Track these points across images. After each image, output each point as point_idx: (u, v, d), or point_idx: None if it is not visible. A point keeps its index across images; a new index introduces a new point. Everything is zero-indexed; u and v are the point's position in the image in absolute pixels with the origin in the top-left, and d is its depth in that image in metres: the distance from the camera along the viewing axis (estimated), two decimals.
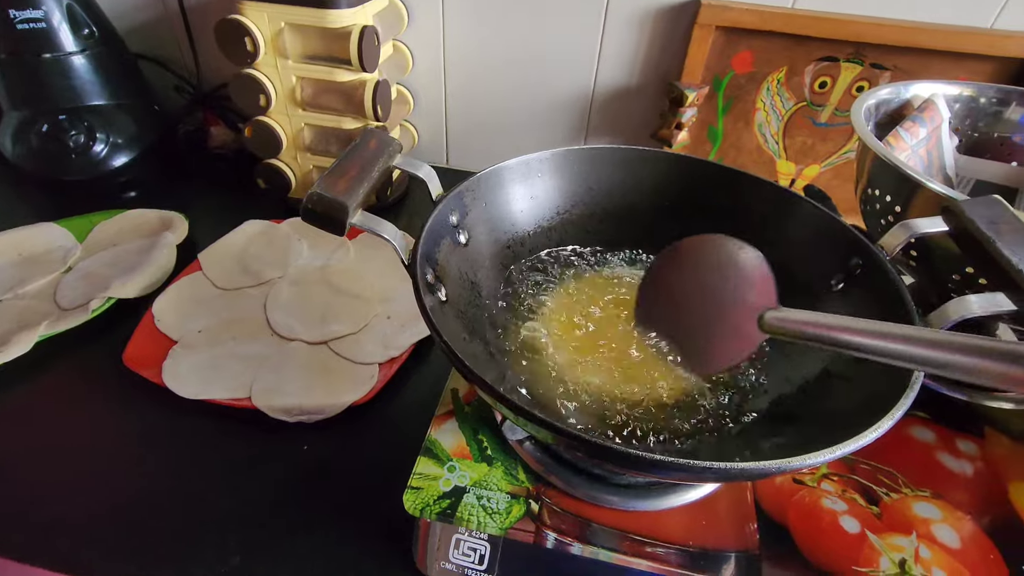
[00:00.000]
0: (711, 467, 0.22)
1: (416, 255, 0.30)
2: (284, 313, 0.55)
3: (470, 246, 0.38)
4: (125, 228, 0.64)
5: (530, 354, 0.36)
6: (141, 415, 0.47)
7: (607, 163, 0.42)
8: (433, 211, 0.34)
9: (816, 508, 0.35)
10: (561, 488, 0.34)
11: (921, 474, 0.38)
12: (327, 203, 0.28)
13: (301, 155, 0.67)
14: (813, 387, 0.32)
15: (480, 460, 0.35)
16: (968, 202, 0.30)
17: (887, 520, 0.35)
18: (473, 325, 0.35)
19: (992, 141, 0.50)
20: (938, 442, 0.40)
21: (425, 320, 0.27)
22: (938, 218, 0.32)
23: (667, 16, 0.64)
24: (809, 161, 0.71)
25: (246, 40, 0.57)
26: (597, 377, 0.35)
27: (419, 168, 0.35)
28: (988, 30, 0.59)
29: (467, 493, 0.33)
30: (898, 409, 0.24)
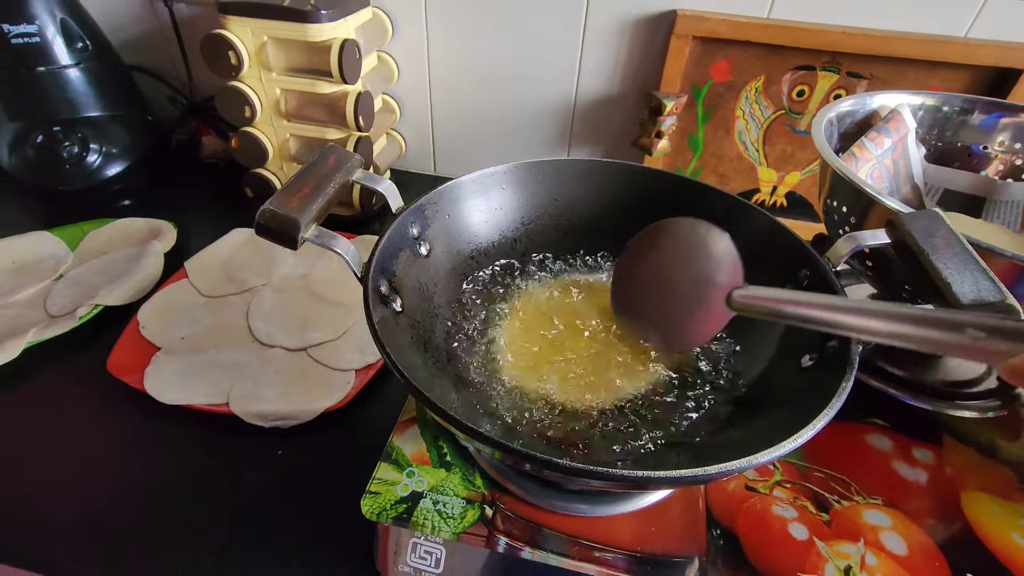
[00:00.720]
0: (629, 475, 0.23)
1: (370, 267, 0.31)
2: (265, 321, 0.56)
3: (431, 257, 0.39)
4: (115, 236, 0.66)
5: (487, 363, 0.37)
6: (123, 420, 0.48)
7: (570, 175, 0.43)
8: (392, 224, 0.35)
9: (766, 515, 0.35)
10: (515, 494, 0.35)
11: (875, 482, 0.38)
12: (279, 219, 0.29)
13: (287, 164, 0.69)
14: (755, 395, 0.33)
15: (439, 466, 0.36)
16: (909, 215, 0.31)
17: (836, 527, 0.35)
18: (428, 335, 0.36)
19: (959, 150, 0.50)
20: (895, 450, 0.40)
21: (371, 332, 0.28)
22: (882, 231, 0.32)
23: (645, 27, 0.65)
24: (790, 168, 0.72)
25: (230, 54, 0.59)
26: (553, 385, 0.36)
27: (379, 183, 0.36)
28: (962, 39, 0.59)
29: (424, 498, 0.34)
30: (822, 418, 0.25)
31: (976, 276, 0.27)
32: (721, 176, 0.74)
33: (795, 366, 0.32)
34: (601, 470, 0.24)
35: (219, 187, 0.77)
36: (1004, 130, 0.48)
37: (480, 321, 0.40)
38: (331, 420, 0.48)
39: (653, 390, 0.36)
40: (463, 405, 0.34)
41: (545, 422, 0.35)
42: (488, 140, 0.79)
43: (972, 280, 0.27)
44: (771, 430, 0.26)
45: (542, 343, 0.38)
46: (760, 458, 0.24)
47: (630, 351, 0.38)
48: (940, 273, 0.27)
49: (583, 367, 0.37)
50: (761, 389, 0.33)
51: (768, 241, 0.36)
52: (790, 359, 0.33)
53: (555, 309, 0.41)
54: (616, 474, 0.24)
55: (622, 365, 0.37)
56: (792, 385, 0.32)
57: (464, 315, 0.40)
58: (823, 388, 0.28)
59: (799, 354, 0.32)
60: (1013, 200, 0.49)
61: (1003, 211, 0.49)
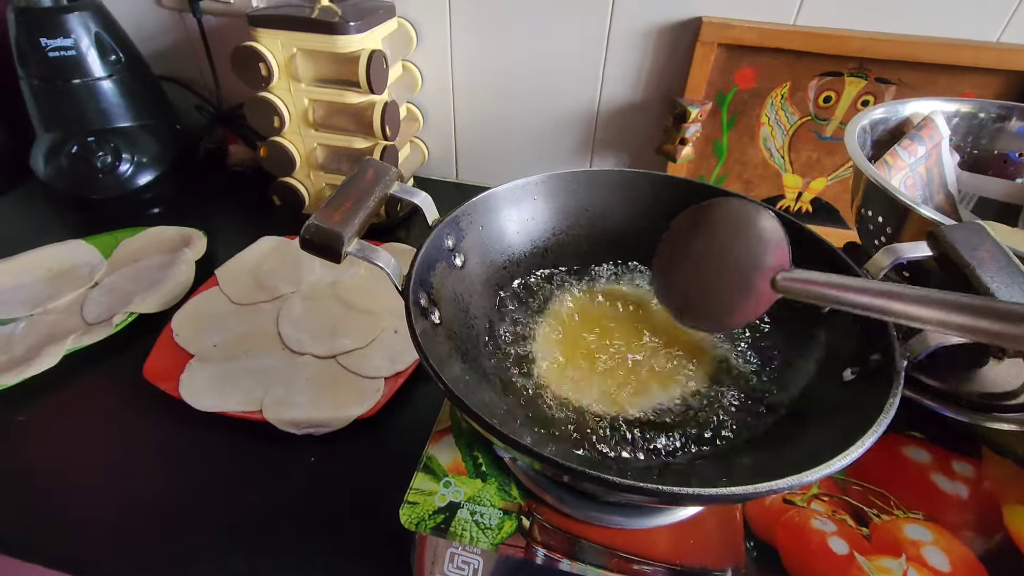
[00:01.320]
0: (674, 492, 0.23)
1: (409, 281, 0.32)
2: (295, 328, 0.57)
3: (466, 268, 0.39)
4: (147, 244, 0.67)
5: (524, 373, 0.38)
6: (159, 426, 0.49)
7: (601, 185, 0.43)
8: (429, 236, 0.36)
9: (805, 528, 0.35)
10: (552, 505, 0.35)
11: (914, 496, 0.38)
12: (323, 233, 0.29)
13: (314, 173, 0.69)
14: (796, 410, 0.33)
15: (475, 476, 0.37)
16: (951, 228, 0.31)
17: (876, 542, 0.35)
18: (466, 346, 0.36)
19: (994, 158, 0.50)
20: (933, 463, 0.40)
21: (415, 346, 0.28)
22: (923, 243, 0.32)
23: (669, 34, 0.65)
24: (815, 174, 0.71)
25: (260, 65, 0.60)
26: (590, 395, 0.36)
27: (415, 195, 0.36)
28: (994, 44, 0.59)
29: (461, 508, 0.35)
30: (871, 435, 0.25)
31: None
32: (746, 183, 0.73)
33: (837, 380, 0.32)
34: (648, 487, 0.24)
35: (246, 195, 0.78)
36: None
37: (515, 331, 0.40)
38: (362, 427, 0.48)
39: (691, 401, 0.36)
40: (501, 414, 0.34)
41: (582, 431, 0.35)
42: (510, 147, 0.79)
43: (1021, 294, 0.26)
44: (817, 446, 0.26)
45: (577, 352, 0.39)
46: (807, 476, 0.24)
47: (667, 360, 0.38)
48: (987, 287, 0.27)
49: (619, 376, 0.37)
50: (802, 404, 0.33)
51: (804, 253, 0.35)
52: (831, 372, 0.33)
53: (589, 318, 0.41)
54: (664, 491, 0.24)
55: (659, 375, 0.37)
56: (834, 399, 0.31)
57: (499, 325, 0.40)
58: (868, 403, 0.27)
59: (840, 367, 0.32)
60: None
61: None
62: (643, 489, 0.24)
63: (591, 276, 0.44)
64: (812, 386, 0.34)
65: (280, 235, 0.68)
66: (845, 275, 0.30)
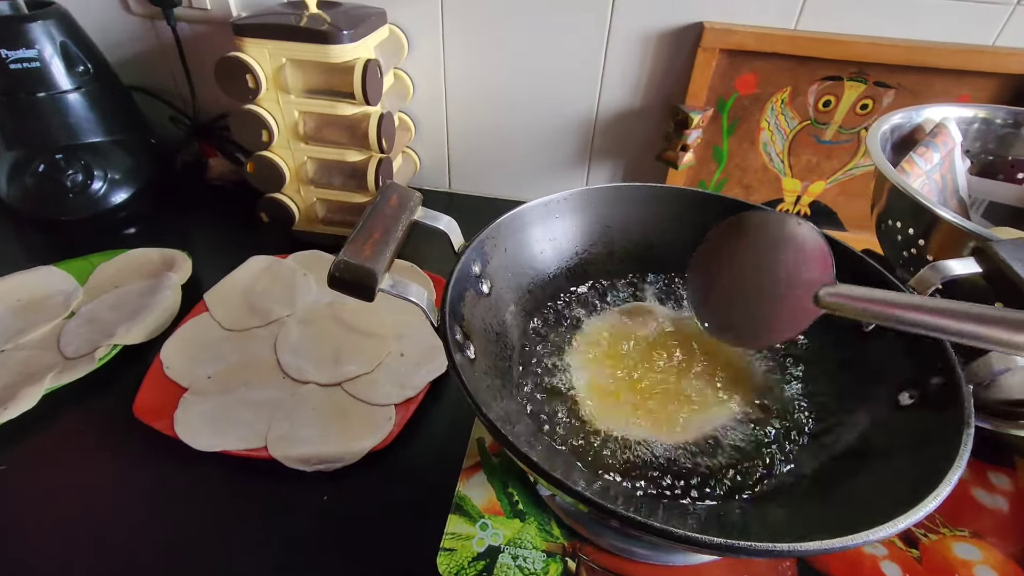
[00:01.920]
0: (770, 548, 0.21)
1: (445, 315, 0.30)
2: (294, 354, 0.54)
3: (493, 295, 0.37)
4: (126, 269, 0.63)
5: (561, 404, 0.36)
6: (154, 469, 0.45)
7: (623, 201, 0.42)
8: (456, 264, 0.33)
9: (856, 554, 0.34)
10: (596, 543, 0.33)
11: (957, 512, 0.37)
12: (354, 270, 0.27)
13: (304, 188, 0.66)
14: (851, 441, 0.32)
15: (512, 516, 0.35)
16: (1002, 244, 0.30)
17: (928, 564, 0.34)
18: (502, 380, 0.34)
19: (1003, 162, 0.50)
20: (971, 476, 0.39)
21: (463, 388, 0.26)
22: (970, 259, 0.31)
23: (670, 39, 0.64)
24: (814, 178, 0.71)
25: (247, 77, 0.56)
26: (631, 427, 0.35)
27: (439, 220, 0.34)
28: (991, 47, 0.59)
29: (502, 553, 0.33)
30: (956, 469, 0.24)
31: None
32: (746, 187, 0.73)
33: (891, 404, 0.31)
34: (718, 541, 0.22)
35: (230, 211, 0.74)
36: None
37: (548, 360, 0.38)
38: (375, 460, 0.46)
39: (732, 432, 0.35)
40: (544, 451, 0.32)
41: (628, 468, 0.33)
42: (505, 156, 0.77)
43: None
44: (883, 488, 0.25)
45: (614, 381, 0.37)
46: (898, 524, 0.22)
47: (708, 387, 0.36)
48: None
49: (661, 406, 0.35)
50: (855, 432, 0.32)
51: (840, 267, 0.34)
52: (885, 396, 0.32)
53: (622, 342, 0.39)
54: (732, 546, 0.23)
55: (701, 403, 0.35)
56: (891, 428, 0.30)
57: (532, 354, 0.38)
58: (932, 433, 0.26)
59: (895, 391, 0.31)
60: None
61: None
62: (718, 544, 0.22)
63: (617, 295, 0.43)
64: (862, 413, 0.33)
65: (270, 254, 0.65)
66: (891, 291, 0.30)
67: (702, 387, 0.36)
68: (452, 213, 0.35)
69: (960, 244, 0.36)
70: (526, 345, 0.38)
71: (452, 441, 0.45)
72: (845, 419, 0.33)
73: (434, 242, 0.35)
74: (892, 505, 0.23)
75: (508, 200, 0.80)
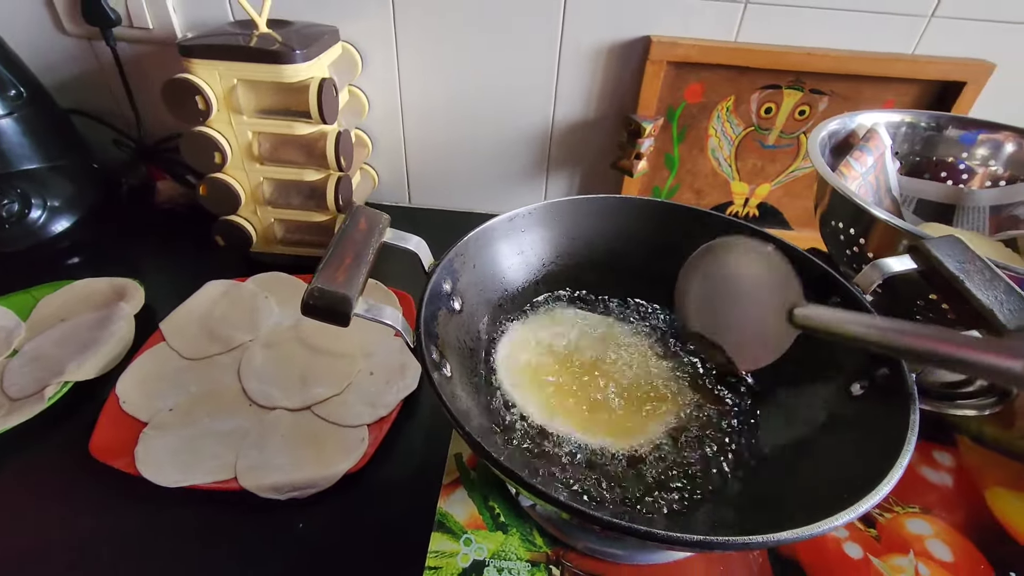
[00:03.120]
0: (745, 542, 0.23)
1: (420, 336, 0.30)
2: (260, 380, 0.53)
3: (464, 312, 0.37)
4: (73, 301, 0.60)
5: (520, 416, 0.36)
6: (116, 511, 0.43)
7: (587, 213, 0.43)
8: (428, 283, 0.34)
9: (821, 539, 0.36)
10: (579, 549, 0.34)
11: (908, 490, 0.40)
12: (330, 297, 0.27)
13: (261, 209, 0.65)
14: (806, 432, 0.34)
15: (495, 529, 0.35)
16: (933, 242, 0.33)
17: (885, 541, 0.37)
18: (478, 396, 0.34)
19: (929, 162, 0.54)
20: (918, 456, 0.42)
21: (445, 410, 0.27)
22: (906, 257, 0.34)
23: (619, 52, 0.66)
24: (760, 181, 0.75)
25: (197, 99, 0.55)
26: (591, 433, 0.36)
27: (408, 241, 0.34)
28: (910, 56, 0.64)
29: (487, 567, 0.33)
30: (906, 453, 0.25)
31: (1014, 300, 0.29)
32: (697, 192, 0.76)
33: (844, 395, 0.33)
34: (697, 539, 0.23)
35: (181, 236, 0.71)
36: (980, 144, 0.52)
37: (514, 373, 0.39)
38: (351, 483, 0.45)
39: (699, 431, 0.36)
40: (521, 461, 0.32)
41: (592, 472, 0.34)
42: (464, 169, 0.78)
43: (1012, 305, 0.28)
44: (844, 475, 0.27)
45: (571, 391, 0.38)
46: (848, 515, 0.24)
47: (664, 391, 0.38)
48: (980, 300, 0.29)
49: (620, 414, 0.37)
50: (812, 424, 0.34)
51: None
52: (838, 388, 0.34)
53: (584, 352, 0.40)
54: (706, 542, 0.24)
55: (654, 410, 0.37)
56: (845, 417, 0.32)
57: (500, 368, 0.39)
58: (885, 420, 0.28)
59: (847, 382, 0.33)
60: (979, 206, 0.53)
61: (971, 217, 0.53)
62: (684, 540, 0.24)
63: (584, 308, 0.44)
64: (824, 404, 0.35)
65: (228, 277, 0.63)
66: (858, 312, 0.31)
67: (659, 396, 0.38)
68: (413, 227, 0.36)
69: (896, 241, 0.39)
70: (496, 362, 0.39)
71: (429, 458, 0.45)
72: (802, 412, 0.35)
73: (396, 259, 0.35)
74: (853, 490, 0.25)
75: (469, 213, 0.81)
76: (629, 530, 0.23)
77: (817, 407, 0.34)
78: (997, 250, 0.49)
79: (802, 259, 0.39)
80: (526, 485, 0.25)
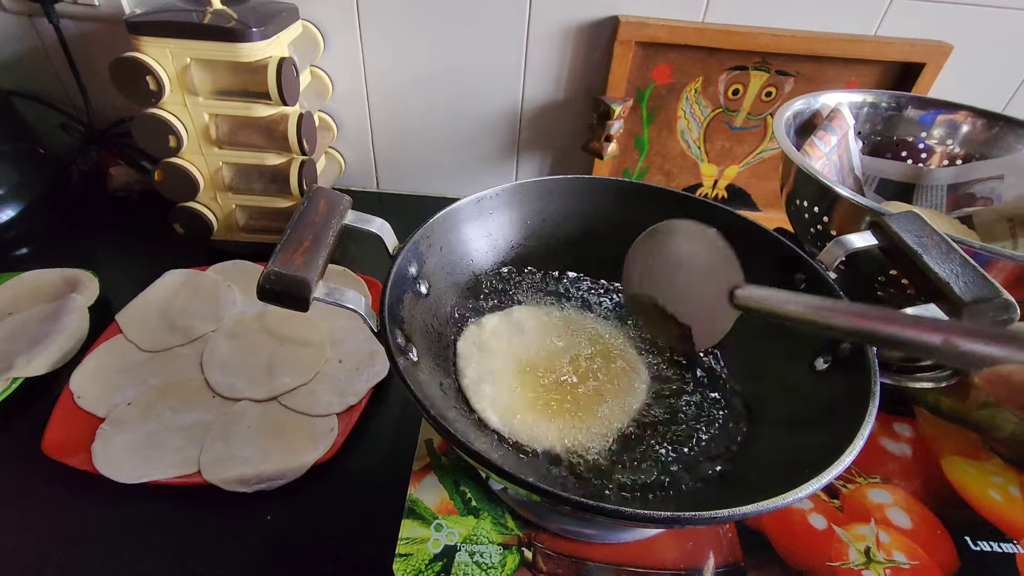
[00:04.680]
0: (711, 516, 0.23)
1: (384, 320, 0.29)
2: (224, 371, 0.51)
3: (431, 295, 0.37)
4: (21, 294, 0.57)
5: (499, 400, 0.36)
6: (74, 510, 0.42)
7: (554, 194, 0.43)
8: (392, 267, 0.33)
9: (787, 511, 0.37)
10: (551, 530, 0.34)
11: (869, 461, 0.41)
12: (287, 281, 0.26)
13: (221, 195, 0.62)
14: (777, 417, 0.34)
15: (466, 513, 0.35)
16: (893, 218, 0.33)
17: (848, 511, 0.38)
18: (442, 379, 0.34)
19: (890, 142, 0.55)
20: (879, 428, 0.44)
21: (411, 394, 0.26)
22: (868, 233, 0.34)
23: (588, 32, 0.66)
24: (728, 162, 0.75)
25: (148, 79, 0.52)
26: (557, 418, 0.36)
27: (371, 223, 0.33)
28: (872, 37, 0.65)
29: (459, 552, 0.33)
30: (867, 425, 0.26)
31: (969, 273, 0.29)
32: (667, 173, 0.76)
33: (809, 369, 0.34)
34: (664, 515, 0.23)
35: (137, 223, 0.69)
36: (938, 124, 0.54)
37: (485, 357, 0.38)
38: (321, 473, 0.44)
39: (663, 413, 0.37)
40: (488, 446, 0.32)
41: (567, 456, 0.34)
42: (433, 152, 0.77)
43: (967, 278, 0.29)
44: (807, 448, 0.27)
45: (537, 373, 0.38)
46: (812, 486, 0.24)
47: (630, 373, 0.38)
48: (937, 274, 0.30)
49: (584, 400, 0.37)
50: (779, 400, 0.35)
51: (760, 250, 0.37)
52: (802, 363, 0.34)
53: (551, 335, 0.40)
54: (677, 517, 0.24)
55: (619, 392, 0.37)
56: (810, 391, 0.33)
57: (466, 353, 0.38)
58: (847, 394, 0.29)
59: (811, 357, 0.34)
60: (937, 184, 0.54)
61: (930, 195, 0.54)
62: (668, 519, 0.24)
63: (554, 290, 0.43)
64: (784, 380, 0.35)
65: (188, 267, 0.61)
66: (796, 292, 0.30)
67: (625, 380, 0.38)
68: (382, 213, 0.35)
69: (858, 219, 0.40)
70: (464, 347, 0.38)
71: (400, 445, 0.45)
72: (769, 389, 0.36)
73: (366, 245, 0.34)
74: (817, 463, 0.26)
75: (439, 197, 0.80)
76: (597, 509, 0.23)
77: (784, 383, 0.35)
78: (954, 227, 0.51)
79: (770, 240, 0.39)
80: (495, 468, 0.25)
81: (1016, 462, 0.42)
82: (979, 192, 0.52)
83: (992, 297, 0.28)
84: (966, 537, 0.37)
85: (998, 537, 0.37)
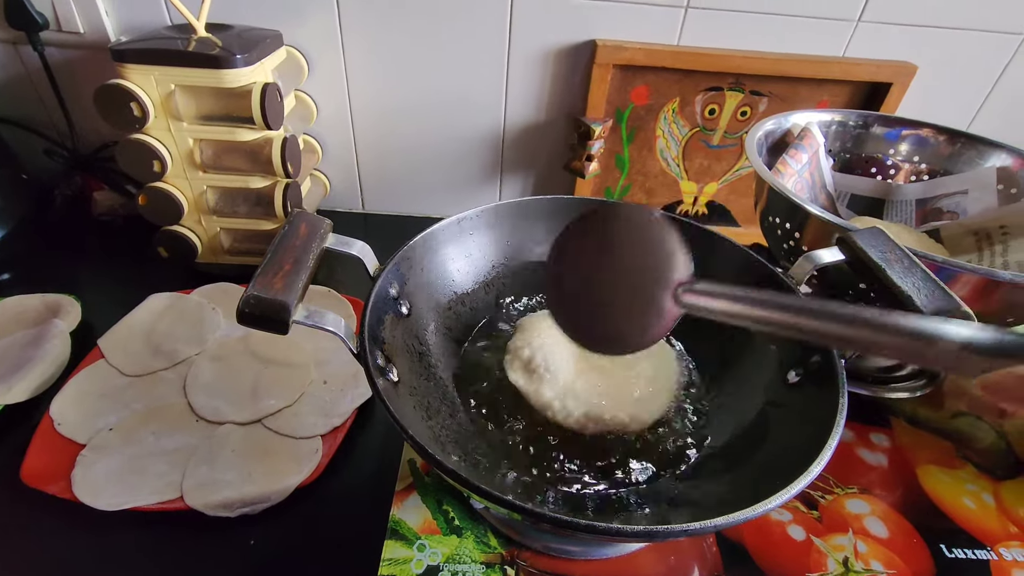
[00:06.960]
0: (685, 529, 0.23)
1: (364, 341, 0.30)
2: (207, 394, 0.51)
3: (412, 316, 0.37)
4: (2, 320, 0.56)
5: (489, 416, 0.36)
6: (53, 539, 0.41)
7: (535, 214, 0.43)
8: (373, 288, 0.33)
9: (766, 522, 0.37)
10: (533, 548, 0.34)
11: (847, 471, 0.42)
12: (267, 305, 0.26)
13: (206, 218, 0.63)
14: (752, 430, 0.35)
15: (449, 532, 0.35)
16: (859, 234, 0.35)
17: (827, 522, 0.38)
18: (428, 400, 0.34)
19: (859, 159, 0.57)
20: (856, 439, 0.44)
21: (389, 414, 0.26)
22: (835, 248, 0.36)
23: (567, 56, 0.67)
24: (707, 180, 0.77)
25: (132, 105, 0.53)
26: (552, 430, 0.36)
27: (352, 246, 0.34)
28: (841, 58, 0.67)
29: (441, 571, 0.33)
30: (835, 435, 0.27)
31: (930, 287, 0.30)
32: (648, 191, 0.78)
33: (782, 383, 0.34)
34: (642, 529, 0.24)
35: (121, 248, 0.69)
36: (903, 141, 0.56)
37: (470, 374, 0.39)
38: (305, 496, 0.44)
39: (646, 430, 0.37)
40: (477, 465, 0.32)
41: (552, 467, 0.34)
42: (417, 172, 0.78)
43: (928, 291, 0.30)
44: (782, 459, 0.28)
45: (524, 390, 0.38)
46: (781, 497, 0.25)
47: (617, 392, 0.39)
48: (900, 287, 0.31)
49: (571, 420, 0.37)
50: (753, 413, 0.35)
51: (737, 267, 0.38)
52: (775, 376, 0.35)
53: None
54: (657, 531, 0.24)
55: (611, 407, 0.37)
56: (784, 404, 0.34)
57: (453, 372, 0.39)
58: (817, 406, 0.30)
59: (783, 371, 0.35)
60: (906, 199, 0.56)
61: (899, 210, 0.56)
62: (654, 532, 0.24)
63: (535, 308, 0.44)
64: (763, 392, 0.36)
65: (172, 290, 0.61)
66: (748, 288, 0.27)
67: (612, 396, 0.38)
68: (368, 234, 0.35)
69: (828, 235, 0.41)
70: (447, 365, 0.39)
71: (384, 466, 0.45)
72: (745, 403, 0.36)
73: (351, 266, 0.35)
74: (789, 474, 0.26)
75: (424, 218, 0.80)
76: (573, 525, 0.24)
77: (758, 397, 0.36)
78: (921, 241, 0.52)
79: (746, 257, 0.40)
80: (474, 488, 0.25)
81: (989, 469, 0.43)
82: (946, 206, 0.54)
83: (951, 308, 0.29)
84: (941, 545, 0.38)
85: (972, 544, 0.38)
